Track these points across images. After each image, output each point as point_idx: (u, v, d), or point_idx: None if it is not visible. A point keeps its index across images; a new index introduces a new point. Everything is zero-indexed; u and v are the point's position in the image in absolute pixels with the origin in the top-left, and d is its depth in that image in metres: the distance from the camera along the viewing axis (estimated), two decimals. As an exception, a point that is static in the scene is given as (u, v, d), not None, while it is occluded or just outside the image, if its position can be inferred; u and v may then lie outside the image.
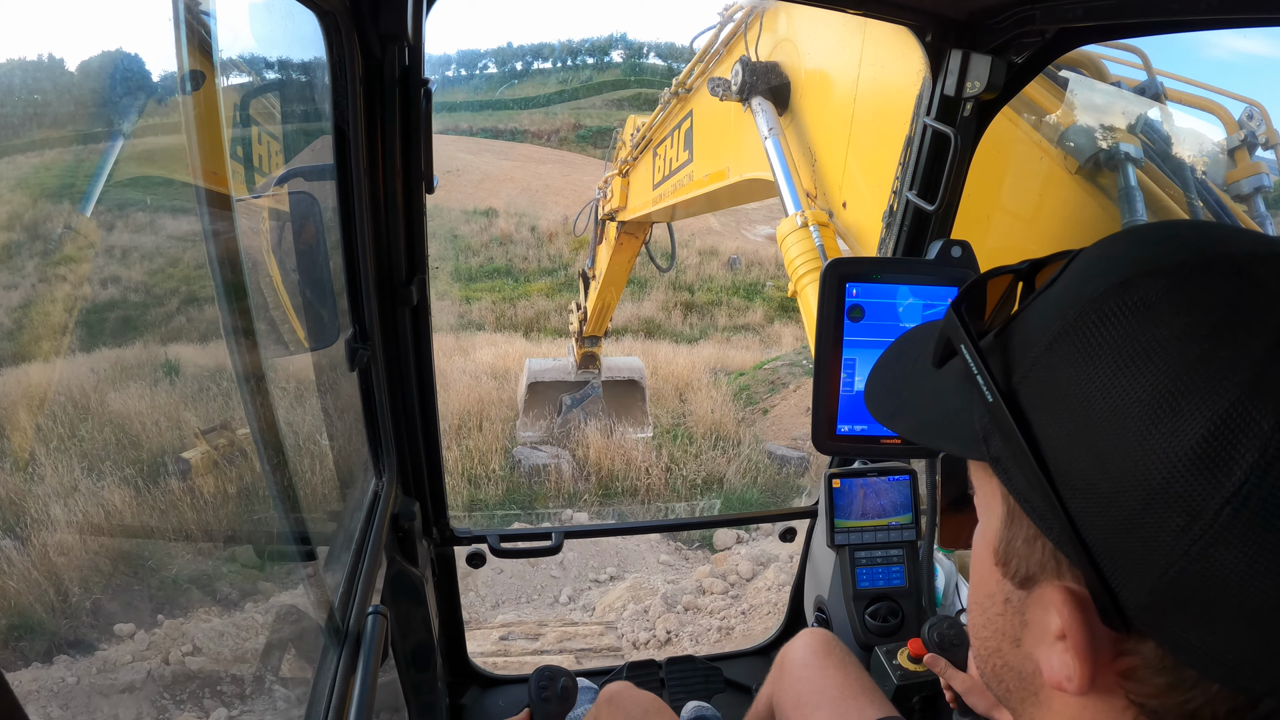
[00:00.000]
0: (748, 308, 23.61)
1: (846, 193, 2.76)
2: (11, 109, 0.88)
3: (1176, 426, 0.45)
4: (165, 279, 1.37)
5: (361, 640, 1.38)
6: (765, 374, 16.92)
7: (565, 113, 42.97)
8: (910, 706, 1.94)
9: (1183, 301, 0.48)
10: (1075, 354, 0.51)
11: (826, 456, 2.35)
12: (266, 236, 1.51)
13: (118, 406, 1.31)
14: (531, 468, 12.11)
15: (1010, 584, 0.60)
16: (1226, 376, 0.44)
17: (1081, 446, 0.50)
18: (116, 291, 1.28)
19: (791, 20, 3.25)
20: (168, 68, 1.03)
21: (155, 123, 1.16)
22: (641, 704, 1.77)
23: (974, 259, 1.80)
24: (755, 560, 8.71)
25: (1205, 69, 3.00)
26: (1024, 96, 2.21)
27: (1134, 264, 0.51)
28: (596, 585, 8.92)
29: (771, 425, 14.66)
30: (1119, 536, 0.48)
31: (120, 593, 1.34)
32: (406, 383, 1.93)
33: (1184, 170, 2.54)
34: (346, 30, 1.40)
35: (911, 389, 0.71)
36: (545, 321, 22.16)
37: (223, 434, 1.44)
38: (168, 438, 1.46)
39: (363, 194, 1.56)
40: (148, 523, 1.38)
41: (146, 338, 1.37)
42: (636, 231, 7.31)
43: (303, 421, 1.71)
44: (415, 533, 1.97)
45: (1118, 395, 0.48)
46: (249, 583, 1.67)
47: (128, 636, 1.40)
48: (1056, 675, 0.54)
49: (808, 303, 2.65)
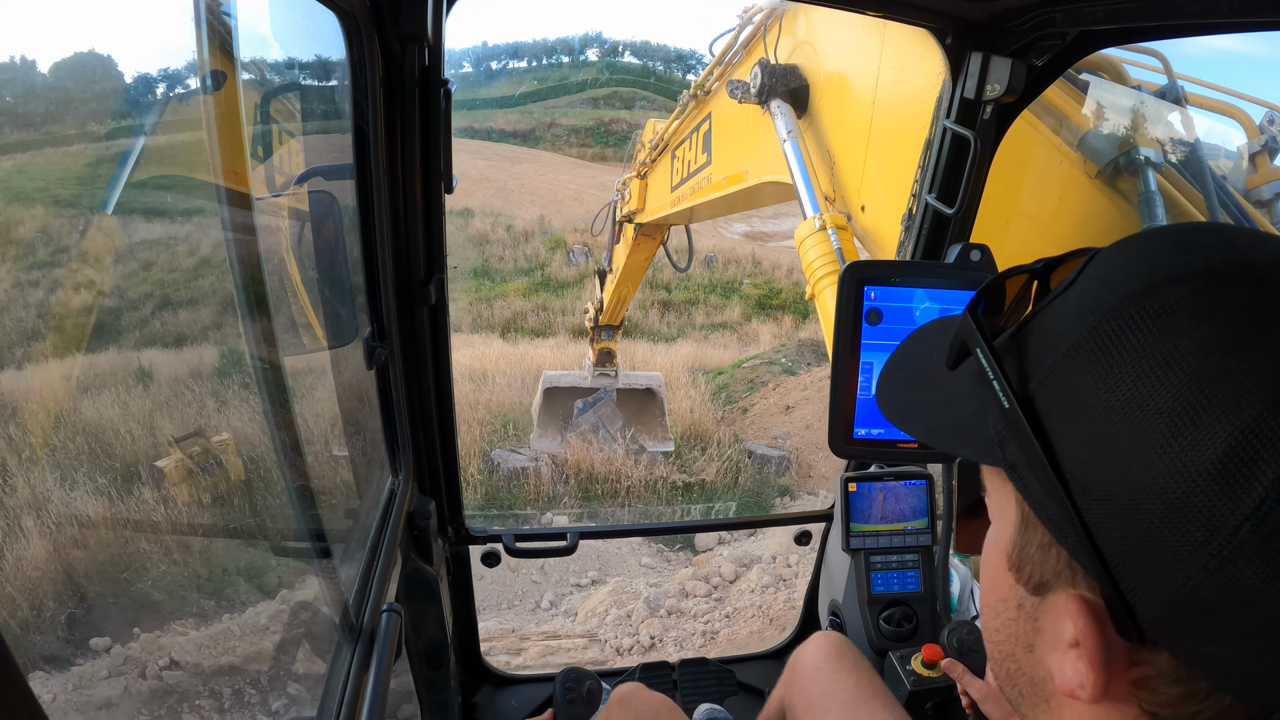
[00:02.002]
0: (725, 306, 23.57)
1: (865, 196, 2.75)
2: (34, 106, 0.89)
3: (1197, 440, 0.44)
4: (185, 276, 1.38)
5: (375, 637, 1.39)
6: (744, 373, 16.89)
7: (540, 112, 42.93)
8: (924, 712, 1.93)
9: (1205, 311, 0.47)
10: (1095, 362, 0.50)
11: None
12: (286, 235, 1.52)
13: (139, 404, 1.33)
14: (510, 471, 11.93)
15: (1023, 590, 0.59)
16: (1250, 390, 0.43)
17: (1100, 456, 0.49)
18: (137, 289, 1.29)
19: (811, 23, 3.23)
20: (190, 68, 1.04)
21: (175, 121, 1.17)
22: (653, 705, 1.77)
23: (993, 263, 1.78)
24: (738, 562, 8.67)
25: (1225, 72, 2.97)
26: (1044, 100, 2.20)
27: (1156, 270, 0.50)
28: (578, 590, 8.85)
29: (751, 424, 14.62)
30: (1136, 548, 0.47)
31: (130, 589, 1.36)
32: (424, 382, 1.93)
33: (1204, 175, 2.51)
34: (367, 30, 1.41)
35: (924, 391, 0.70)
36: (522, 322, 22.02)
37: (238, 432, 1.46)
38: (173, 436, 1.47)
39: (382, 194, 1.57)
40: (160, 518, 1.39)
41: (167, 335, 1.38)
42: (654, 233, 7.31)
43: (320, 419, 1.72)
44: (431, 531, 1.97)
45: (1138, 405, 0.47)
46: (265, 579, 1.68)
47: (144, 632, 1.41)
48: (1069, 683, 0.54)
49: (825, 306, 2.64)
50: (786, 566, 8.38)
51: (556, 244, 27.18)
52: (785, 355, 17.39)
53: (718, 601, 7.85)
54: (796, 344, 18.20)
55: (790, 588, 7.86)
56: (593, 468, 12.13)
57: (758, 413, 15.01)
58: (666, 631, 7.24)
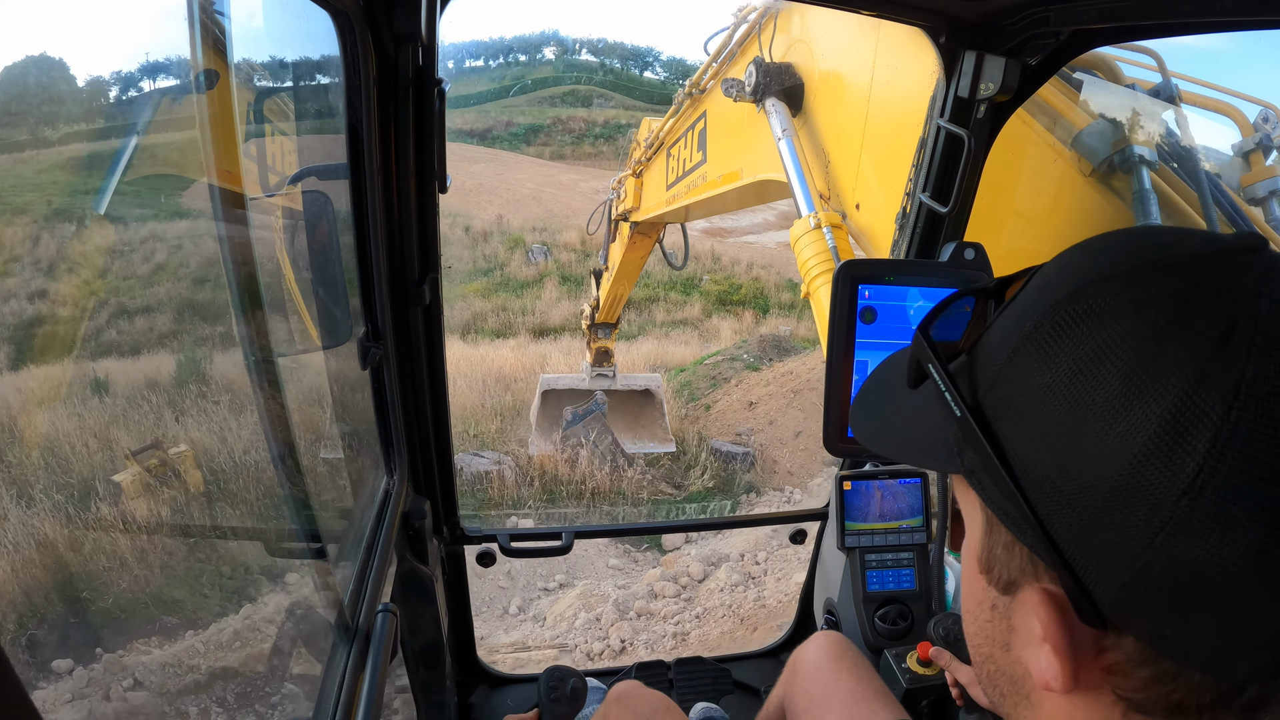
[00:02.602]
0: (685, 302, 23.40)
1: (860, 194, 2.75)
2: (27, 105, 0.89)
3: (1132, 424, 0.47)
4: (178, 277, 1.38)
5: (371, 638, 1.38)
6: (706, 369, 16.89)
7: (497, 111, 42.26)
8: (919, 710, 1.93)
9: (1131, 305, 0.50)
10: (1033, 363, 0.53)
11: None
12: (280, 235, 1.51)
13: (136, 405, 1.32)
14: (474, 474, 11.88)
15: (995, 591, 0.61)
16: (1175, 371, 0.46)
17: (1045, 451, 0.52)
18: (129, 290, 1.29)
19: (805, 22, 3.25)
20: (183, 67, 1.04)
21: (167, 120, 1.17)
22: (650, 703, 1.76)
23: (987, 261, 1.79)
24: (706, 561, 8.67)
25: (1220, 69, 2.97)
26: (1038, 99, 2.20)
27: (1085, 273, 0.54)
28: (546, 594, 8.81)
29: (715, 421, 14.60)
30: (1087, 534, 0.50)
31: (128, 590, 1.35)
32: (418, 382, 1.93)
33: (1198, 173, 2.52)
34: (361, 30, 1.41)
35: (893, 412, 0.73)
36: (482, 323, 21.78)
37: (230, 432, 1.45)
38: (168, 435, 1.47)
39: (376, 193, 1.56)
40: (156, 519, 1.39)
41: (164, 335, 1.38)
42: (649, 231, 7.33)
43: (315, 420, 1.71)
44: (426, 531, 1.97)
45: (1075, 398, 0.50)
46: (261, 580, 1.68)
47: (144, 632, 1.41)
48: (1044, 676, 0.55)
49: (820, 304, 2.64)
50: (755, 564, 8.36)
51: (515, 243, 26.85)
52: (747, 351, 17.43)
53: (687, 602, 7.83)
54: (758, 340, 18.23)
55: (760, 585, 7.83)
56: (557, 469, 12.11)
57: (721, 409, 15.01)
58: (636, 634, 7.20)
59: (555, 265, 25.57)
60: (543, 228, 27.67)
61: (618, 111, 42.33)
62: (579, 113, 42.18)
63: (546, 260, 25.75)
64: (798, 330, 19.33)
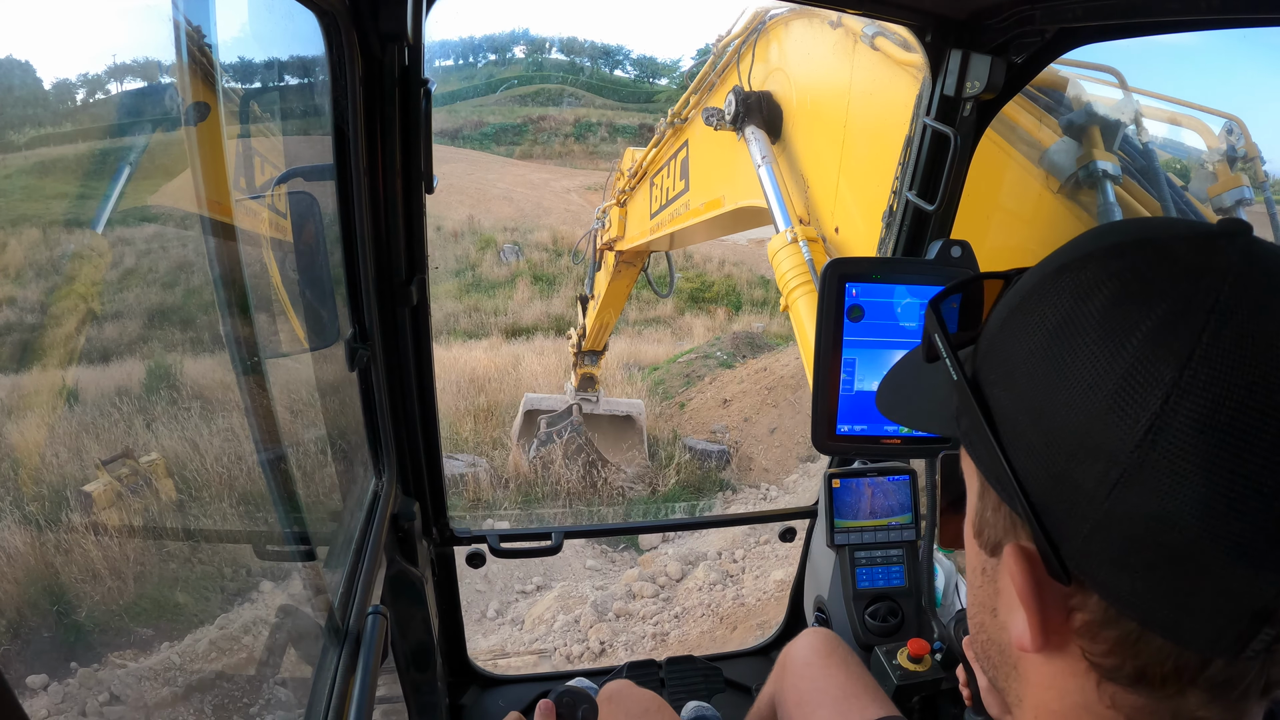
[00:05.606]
0: (657, 300, 23.23)
1: (839, 218, 2.80)
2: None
3: (1095, 381, 0.50)
4: (163, 280, 1.37)
5: (361, 640, 1.38)
6: (679, 367, 16.95)
7: (467, 110, 42.03)
8: (910, 707, 1.94)
9: (1106, 276, 0.53)
10: (1018, 330, 0.58)
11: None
12: (266, 236, 1.50)
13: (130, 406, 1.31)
14: (450, 477, 11.75)
15: (985, 554, 0.64)
16: (1132, 330, 0.50)
17: (1022, 409, 0.56)
18: (117, 293, 1.28)
19: (783, 49, 3.31)
20: (172, 100, 1.04)
21: (151, 120, 1.16)
22: (642, 702, 1.76)
23: (974, 259, 1.80)
24: (684, 560, 8.68)
25: (1194, 71, 3.00)
26: (1004, 118, 2.22)
27: (1074, 251, 0.58)
28: (524, 596, 8.76)
29: (689, 419, 14.63)
30: (1054, 487, 0.53)
31: (124, 592, 1.34)
32: (406, 383, 1.92)
33: (1160, 184, 2.54)
34: (346, 30, 1.40)
35: (912, 386, 0.80)
36: (455, 324, 21.60)
37: (221, 435, 1.44)
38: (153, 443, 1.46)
39: (363, 194, 1.56)
40: (146, 520, 1.38)
41: (152, 337, 1.37)
42: (635, 260, 7.37)
43: (303, 422, 1.70)
44: (415, 533, 1.96)
45: (1050, 359, 0.54)
46: (249, 582, 1.67)
47: (141, 633, 1.40)
48: (1020, 636, 0.57)
49: (799, 316, 2.67)
50: (733, 562, 8.36)
51: (487, 243, 26.75)
52: (720, 348, 17.51)
53: (665, 602, 7.83)
54: (731, 337, 18.33)
55: (739, 584, 7.83)
56: (531, 471, 12.07)
57: (695, 407, 15.05)
58: (616, 636, 7.19)
59: (527, 265, 25.54)
60: (514, 227, 27.56)
61: (588, 110, 42.35)
62: (549, 111, 41.96)
63: (518, 260, 25.68)
64: (770, 327, 19.44)
